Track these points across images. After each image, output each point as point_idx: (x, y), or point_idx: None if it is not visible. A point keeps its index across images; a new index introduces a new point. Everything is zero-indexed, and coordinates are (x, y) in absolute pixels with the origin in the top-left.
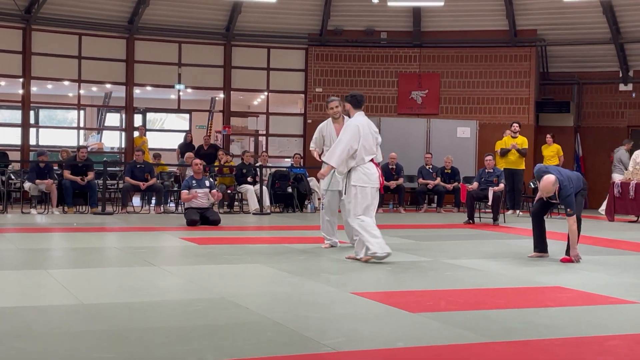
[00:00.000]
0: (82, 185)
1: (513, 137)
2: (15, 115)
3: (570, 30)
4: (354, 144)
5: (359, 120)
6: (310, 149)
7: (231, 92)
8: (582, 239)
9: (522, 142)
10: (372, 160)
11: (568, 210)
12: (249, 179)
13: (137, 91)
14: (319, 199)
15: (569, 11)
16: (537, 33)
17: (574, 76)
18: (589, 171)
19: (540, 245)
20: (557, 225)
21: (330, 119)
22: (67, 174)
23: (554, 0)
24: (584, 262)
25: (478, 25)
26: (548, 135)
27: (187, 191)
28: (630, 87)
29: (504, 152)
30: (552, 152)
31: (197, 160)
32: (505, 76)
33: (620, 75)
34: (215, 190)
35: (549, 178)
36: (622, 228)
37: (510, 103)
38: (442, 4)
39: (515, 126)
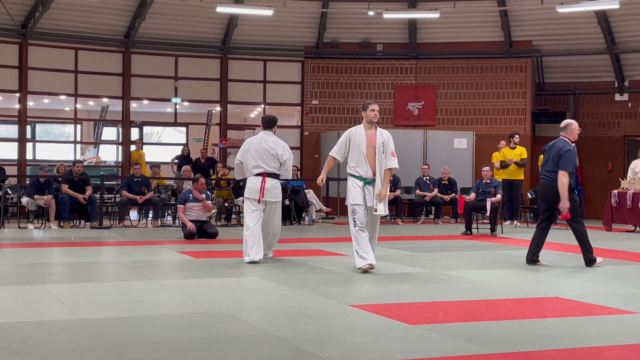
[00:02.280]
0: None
1: (512, 149)
2: (12, 130)
3: (566, 41)
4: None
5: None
6: (331, 155)
7: (228, 105)
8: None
9: (521, 152)
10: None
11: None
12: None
13: (133, 105)
14: (317, 211)
15: (564, 22)
16: (532, 44)
17: (570, 86)
18: (585, 181)
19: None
20: (555, 236)
21: (362, 125)
22: (65, 188)
23: (549, 11)
24: (581, 272)
25: (474, 37)
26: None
27: (183, 206)
28: (626, 97)
29: (504, 166)
30: None
31: (203, 180)
32: (501, 87)
33: (616, 85)
34: (208, 201)
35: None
36: (620, 238)
37: (506, 114)
38: (437, 15)
39: (517, 137)
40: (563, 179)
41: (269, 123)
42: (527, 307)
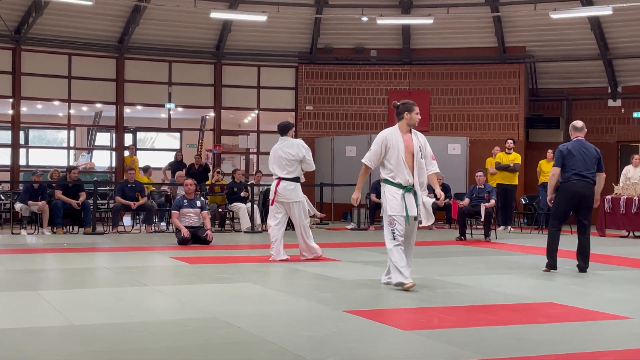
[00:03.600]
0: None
1: (507, 154)
2: (5, 136)
3: (559, 47)
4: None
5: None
6: (365, 163)
7: (222, 110)
8: (573, 254)
9: (515, 158)
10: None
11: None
12: (242, 193)
13: (127, 110)
14: (311, 216)
15: (557, 28)
16: (526, 50)
17: (563, 92)
18: None
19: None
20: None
21: (396, 127)
22: (58, 194)
23: (542, 17)
24: (575, 277)
25: (467, 43)
26: (550, 151)
27: (177, 212)
28: (619, 102)
29: (502, 167)
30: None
31: (189, 181)
32: (494, 93)
33: (609, 91)
34: (209, 231)
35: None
36: (613, 243)
37: (500, 119)
38: (431, 21)
39: (510, 142)
40: (603, 181)
41: (282, 130)
42: (521, 313)
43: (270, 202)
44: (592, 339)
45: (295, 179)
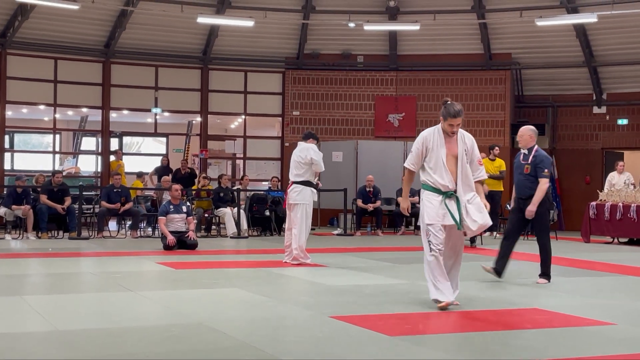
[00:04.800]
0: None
1: (492, 160)
2: None
3: (544, 54)
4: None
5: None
6: (408, 167)
7: (208, 115)
8: (558, 260)
9: (500, 164)
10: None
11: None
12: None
13: (113, 115)
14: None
15: (543, 35)
16: (511, 57)
17: (549, 99)
18: (564, 193)
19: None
20: (534, 247)
21: (438, 127)
22: (44, 198)
23: (528, 24)
24: (560, 283)
25: (454, 49)
26: None
27: (164, 218)
28: (604, 109)
29: (492, 177)
30: None
31: (176, 186)
32: (480, 99)
33: (594, 98)
34: (191, 232)
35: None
36: (598, 249)
37: (486, 126)
38: (418, 28)
39: (497, 149)
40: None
41: (304, 137)
42: (506, 318)
43: (284, 204)
44: (577, 345)
45: (304, 182)
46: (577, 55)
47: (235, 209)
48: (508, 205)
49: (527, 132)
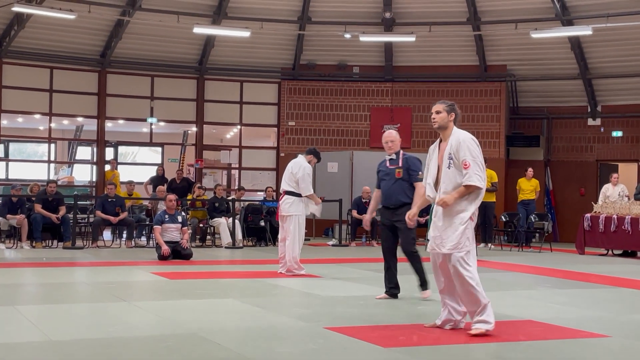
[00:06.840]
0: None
1: None
2: None
3: (540, 66)
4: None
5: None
6: (421, 184)
7: (204, 125)
8: (553, 272)
9: (491, 175)
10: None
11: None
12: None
13: (108, 124)
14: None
15: (538, 47)
16: (507, 68)
17: (544, 111)
18: (559, 204)
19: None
20: (529, 259)
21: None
22: (38, 207)
23: (523, 37)
24: (554, 295)
25: (449, 61)
26: (530, 169)
27: (160, 227)
28: (598, 121)
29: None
30: (531, 186)
31: (171, 196)
32: (475, 110)
33: (589, 110)
34: (184, 240)
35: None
36: (592, 261)
37: (481, 137)
38: (413, 39)
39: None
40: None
41: (306, 151)
42: (501, 330)
43: (276, 216)
44: (572, 358)
45: (296, 194)
46: (572, 68)
47: (230, 219)
48: (503, 217)
49: (397, 136)
